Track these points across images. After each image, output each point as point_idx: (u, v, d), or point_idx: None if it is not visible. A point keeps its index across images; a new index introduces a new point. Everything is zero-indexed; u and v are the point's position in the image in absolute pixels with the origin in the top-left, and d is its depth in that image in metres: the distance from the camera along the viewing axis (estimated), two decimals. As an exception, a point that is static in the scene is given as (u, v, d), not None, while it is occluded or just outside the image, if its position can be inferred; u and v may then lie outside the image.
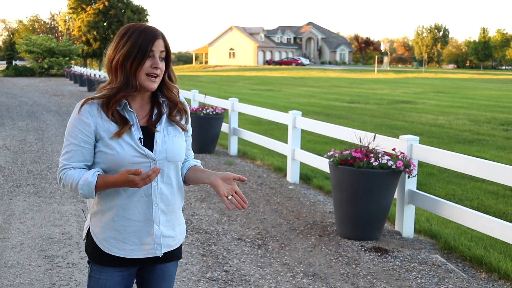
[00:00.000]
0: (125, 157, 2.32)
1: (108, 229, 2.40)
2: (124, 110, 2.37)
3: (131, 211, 2.38)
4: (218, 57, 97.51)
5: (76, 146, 2.35)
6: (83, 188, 2.30)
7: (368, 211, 5.65)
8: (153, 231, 2.42)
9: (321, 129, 7.77)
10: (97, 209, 2.43)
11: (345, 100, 25.50)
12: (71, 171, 2.35)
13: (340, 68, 77.42)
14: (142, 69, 2.33)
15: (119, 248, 2.40)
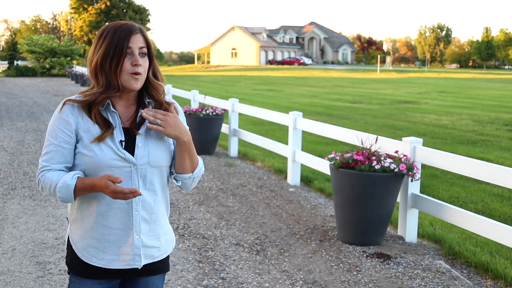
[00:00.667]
0: (104, 160, 2.19)
1: (87, 237, 2.27)
2: (106, 110, 2.25)
3: (110, 219, 2.25)
4: (220, 57, 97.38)
5: (56, 147, 2.23)
6: (61, 191, 2.17)
7: (370, 216, 5.48)
8: (133, 241, 2.27)
9: (322, 130, 7.61)
10: (76, 215, 2.30)
11: (347, 100, 25.33)
12: (50, 173, 2.23)
13: (342, 68, 77.22)
14: (123, 69, 2.20)
15: (98, 258, 2.27)
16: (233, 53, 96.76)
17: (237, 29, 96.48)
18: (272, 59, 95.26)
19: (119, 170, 2.20)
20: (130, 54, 2.20)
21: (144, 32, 2.28)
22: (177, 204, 7.04)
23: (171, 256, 5.17)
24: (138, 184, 2.24)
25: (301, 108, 21.11)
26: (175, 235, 5.71)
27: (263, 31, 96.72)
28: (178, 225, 6.15)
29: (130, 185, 2.22)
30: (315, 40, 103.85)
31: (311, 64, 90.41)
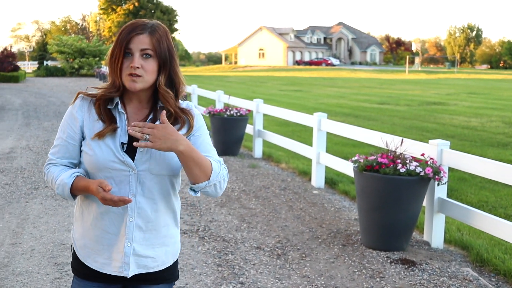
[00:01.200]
0: (103, 161, 2.13)
1: (86, 236, 2.23)
2: (115, 110, 2.19)
3: (106, 222, 2.19)
4: (248, 57, 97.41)
5: (63, 141, 2.22)
6: (58, 188, 2.17)
7: (395, 220, 5.32)
8: (123, 248, 2.18)
9: (347, 132, 7.46)
10: (78, 213, 2.27)
11: (375, 101, 25.05)
12: (54, 168, 2.23)
13: (370, 69, 76.63)
14: (123, 69, 2.13)
15: (93, 259, 2.22)
16: (261, 53, 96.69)
17: (264, 30, 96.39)
18: (300, 60, 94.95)
19: (118, 173, 2.14)
20: (131, 55, 2.12)
21: (155, 33, 2.14)
22: (198, 206, 6.96)
23: (189, 259, 5.09)
24: (136, 190, 2.15)
25: (327, 109, 20.94)
26: (195, 237, 5.66)
27: (291, 31, 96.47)
28: (199, 227, 6.07)
29: (128, 189, 2.14)
30: (343, 40, 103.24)
31: (338, 64, 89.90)
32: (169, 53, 2.17)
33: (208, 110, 10.92)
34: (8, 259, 5.06)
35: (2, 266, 4.91)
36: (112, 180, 2.13)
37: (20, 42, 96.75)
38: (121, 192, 2.14)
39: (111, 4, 68.51)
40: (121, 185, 2.14)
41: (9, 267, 4.89)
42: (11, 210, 6.65)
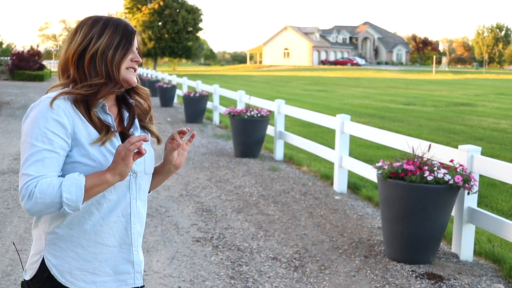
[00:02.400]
0: (105, 167, 1.91)
1: (74, 258, 1.95)
2: (102, 111, 1.99)
3: (105, 235, 1.96)
4: (273, 57, 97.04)
5: (51, 153, 1.84)
6: (70, 191, 1.79)
7: (421, 231, 4.97)
8: (132, 258, 2.03)
9: (371, 135, 7.11)
10: (59, 235, 1.94)
11: (400, 102, 24.55)
12: (46, 179, 1.81)
13: (396, 69, 75.72)
14: (124, 62, 1.99)
15: (87, 281, 1.97)
16: (286, 53, 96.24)
17: (289, 29, 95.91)
18: (325, 59, 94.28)
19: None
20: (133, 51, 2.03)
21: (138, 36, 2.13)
22: (214, 211, 6.67)
23: (201, 270, 4.82)
24: (136, 194, 2.04)
25: (352, 110, 20.54)
26: (209, 246, 5.38)
27: (316, 31, 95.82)
28: (213, 235, 5.78)
29: (129, 195, 2.01)
30: (369, 40, 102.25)
31: (364, 64, 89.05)
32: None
33: (228, 110, 10.64)
34: (12, 267, 4.83)
35: (4, 275, 4.68)
36: (112, 188, 1.95)
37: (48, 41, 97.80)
38: (120, 199, 1.98)
39: (136, 3, 68.63)
40: (120, 192, 1.98)
41: (12, 276, 4.66)
42: (21, 214, 6.44)
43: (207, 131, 14.24)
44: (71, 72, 1.96)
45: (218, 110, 15.93)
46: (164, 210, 6.69)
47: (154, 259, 5.06)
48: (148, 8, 67.84)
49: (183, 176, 8.60)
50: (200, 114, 16.01)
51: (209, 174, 8.80)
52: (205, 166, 9.49)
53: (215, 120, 16.21)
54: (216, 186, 8.02)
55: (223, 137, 12.99)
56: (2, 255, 5.12)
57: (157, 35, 67.44)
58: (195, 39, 69.72)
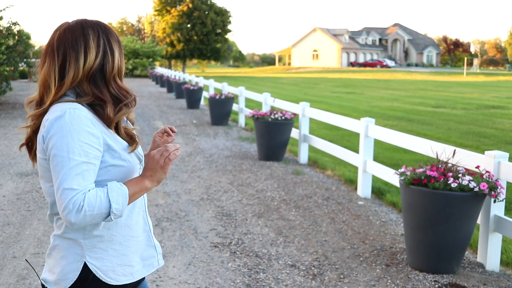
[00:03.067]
0: (135, 165, 2.06)
1: (114, 256, 2.02)
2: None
3: (133, 227, 2.09)
4: (302, 58, 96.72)
5: (88, 165, 1.87)
6: (118, 201, 1.87)
7: (445, 240, 4.80)
8: (153, 242, 2.19)
9: (395, 139, 6.93)
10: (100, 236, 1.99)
11: (430, 104, 24.17)
12: (91, 192, 1.85)
13: (427, 71, 74.78)
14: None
15: (125, 274, 2.06)
16: (314, 54, 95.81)
17: (318, 31, 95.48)
18: (354, 61, 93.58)
19: (137, 173, 2.08)
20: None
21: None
22: (234, 216, 6.58)
23: (217, 277, 4.72)
24: None
25: (380, 112, 20.29)
26: (226, 251, 5.28)
27: (345, 32, 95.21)
28: (232, 241, 5.68)
29: None
30: (399, 41, 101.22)
31: (394, 66, 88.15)
32: None
33: (252, 113, 10.54)
34: (27, 271, 4.80)
35: (20, 278, 4.65)
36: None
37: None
38: None
39: (166, 5, 69.08)
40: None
41: (27, 280, 4.62)
42: (41, 216, 6.43)
43: (232, 133, 14.17)
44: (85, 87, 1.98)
45: (244, 112, 15.85)
46: (184, 214, 6.62)
47: (170, 264, 4.98)
48: (177, 10, 68.23)
49: (205, 180, 8.53)
50: (226, 116, 15.95)
51: (232, 178, 8.71)
52: (228, 169, 9.41)
53: (240, 123, 16.13)
54: (238, 190, 7.93)
55: (248, 139, 12.90)
56: (19, 258, 5.10)
57: (185, 37, 67.77)
58: (223, 41, 69.88)
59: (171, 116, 17.89)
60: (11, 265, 4.93)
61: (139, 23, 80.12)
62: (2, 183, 8.07)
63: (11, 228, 6.00)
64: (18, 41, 20.51)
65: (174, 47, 67.92)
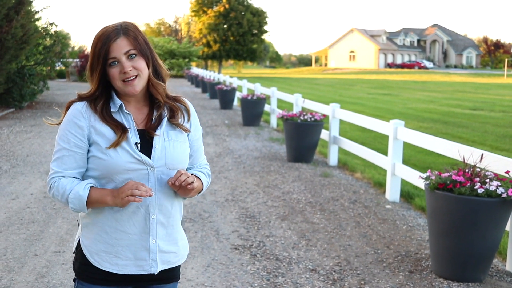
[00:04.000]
0: (121, 163, 2.12)
1: (100, 241, 2.19)
2: (120, 112, 2.19)
3: (125, 223, 2.17)
4: (338, 59, 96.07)
5: (68, 151, 2.15)
6: (73, 202, 2.12)
7: (471, 247, 4.63)
8: (149, 246, 2.20)
9: (424, 142, 6.76)
10: (89, 219, 2.21)
11: (467, 107, 23.69)
12: (63, 180, 2.16)
13: (466, 72, 73.48)
14: (114, 78, 2.15)
15: (111, 263, 2.19)
16: (351, 56, 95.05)
17: (356, 32, 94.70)
18: (392, 63, 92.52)
19: (136, 173, 2.14)
20: (117, 62, 2.14)
21: (129, 32, 2.16)
22: (258, 218, 6.50)
23: (235, 280, 4.65)
24: (155, 187, 2.18)
25: (415, 114, 19.98)
26: (246, 254, 5.21)
27: (383, 33, 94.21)
28: (253, 243, 5.60)
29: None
30: (438, 43, 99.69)
31: (432, 67, 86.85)
32: (147, 46, 2.21)
33: (282, 114, 10.45)
34: (47, 269, 4.81)
35: (39, 276, 4.67)
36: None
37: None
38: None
39: (202, 6, 69.41)
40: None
41: (45, 278, 4.63)
42: (65, 214, 6.47)
43: (263, 134, 14.10)
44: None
45: (275, 113, 15.76)
46: (207, 215, 6.57)
47: (189, 266, 4.93)
48: (214, 11, 68.52)
49: (232, 181, 8.48)
50: (257, 117, 15.89)
51: (258, 179, 8.64)
52: (256, 170, 9.34)
53: (272, 124, 16.06)
54: (264, 191, 7.85)
55: (278, 141, 12.81)
56: (40, 256, 5.12)
57: (222, 38, 67.99)
58: (260, 41, 69.83)
59: (203, 117, 17.92)
60: (32, 263, 4.95)
61: (176, 24, 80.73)
62: (31, 181, 8.17)
63: (35, 226, 6.05)
64: (54, 41, 20.82)
65: (211, 47, 68.18)
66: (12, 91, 18.39)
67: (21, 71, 18.84)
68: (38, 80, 20.60)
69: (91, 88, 2.19)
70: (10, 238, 5.62)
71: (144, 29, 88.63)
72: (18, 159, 9.90)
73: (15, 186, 7.82)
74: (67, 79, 39.49)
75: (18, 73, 18.69)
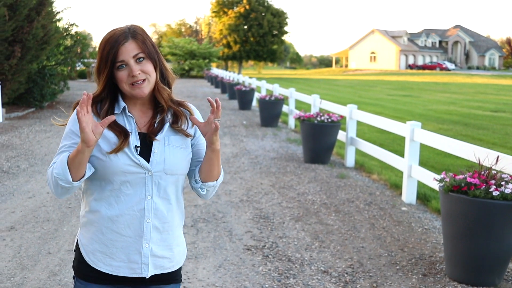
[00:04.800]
0: (118, 165, 2.13)
1: (96, 241, 2.21)
2: (123, 114, 2.21)
3: (120, 225, 2.18)
4: (359, 60, 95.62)
5: (68, 147, 2.17)
6: (57, 166, 2.09)
7: (485, 251, 4.57)
8: (142, 249, 2.20)
9: (440, 143, 6.68)
10: (87, 219, 2.23)
11: (488, 109, 23.40)
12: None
13: (488, 74, 72.68)
14: (121, 81, 2.16)
15: (105, 263, 2.21)
16: (372, 57, 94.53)
17: (376, 33, 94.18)
18: (413, 64, 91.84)
19: (133, 176, 2.15)
20: (126, 65, 2.14)
21: (137, 36, 2.17)
22: (272, 219, 6.48)
23: (246, 281, 4.63)
24: (152, 191, 2.18)
25: (435, 116, 19.79)
26: (259, 255, 5.19)
27: (404, 34, 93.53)
28: (265, 244, 5.59)
29: (144, 191, 2.17)
30: (460, 44, 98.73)
31: (454, 69, 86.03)
32: (155, 50, 2.21)
33: (299, 115, 10.42)
34: (59, 267, 4.84)
35: (51, 274, 4.70)
36: (128, 184, 2.16)
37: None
38: (136, 194, 2.16)
39: (223, 7, 69.60)
40: (137, 187, 2.16)
41: (58, 276, 4.66)
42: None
43: (281, 135, 14.07)
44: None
45: (294, 114, 15.70)
46: (221, 215, 6.56)
47: (200, 266, 4.93)
48: (234, 11, 68.66)
49: (247, 181, 8.46)
50: (275, 117, 15.87)
51: (274, 180, 8.61)
52: (272, 171, 9.32)
53: (290, 124, 16.02)
54: (279, 192, 7.82)
55: (296, 142, 12.77)
56: (54, 255, 5.15)
57: (242, 39, 68.09)
58: (280, 42, 69.81)
59: (221, 117, 17.91)
60: (45, 261, 4.99)
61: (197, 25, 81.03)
62: (48, 180, 8.23)
63: (50, 224, 6.09)
64: (75, 42, 21.00)
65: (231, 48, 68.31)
66: (33, 91, 18.59)
67: (42, 71, 19.03)
68: (59, 80, 20.81)
69: (98, 89, 2.21)
70: (25, 236, 5.67)
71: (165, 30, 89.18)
72: (36, 158, 9.99)
73: (32, 185, 7.89)
74: (88, 79, 39.83)
75: (39, 73, 18.88)
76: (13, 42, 15.97)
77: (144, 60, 2.15)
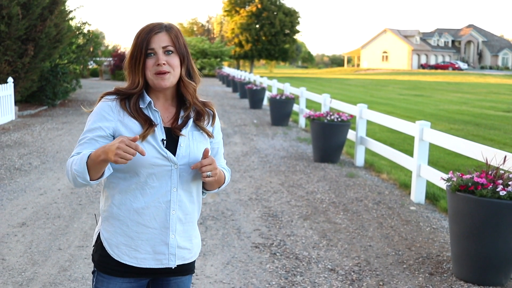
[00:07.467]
0: (146, 157, 2.17)
1: (121, 234, 2.25)
2: (148, 108, 2.25)
3: (146, 217, 2.23)
4: (371, 60, 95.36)
5: (90, 139, 2.21)
6: (76, 162, 2.12)
7: (492, 251, 4.58)
8: (168, 240, 2.26)
9: (449, 143, 6.69)
10: (110, 212, 2.26)
11: (501, 109, 23.29)
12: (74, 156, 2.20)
13: (501, 74, 72.22)
14: (147, 68, 2.22)
15: (130, 256, 2.25)
16: (384, 56, 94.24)
17: (389, 32, 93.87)
18: (425, 63, 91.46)
19: (160, 169, 2.20)
20: (154, 54, 2.21)
21: (172, 30, 2.25)
22: (280, 217, 6.52)
23: (253, 278, 4.68)
24: (177, 184, 2.24)
25: (447, 116, 19.73)
26: (266, 252, 5.23)
27: (417, 34, 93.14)
28: (273, 242, 5.62)
29: (169, 183, 2.22)
30: (473, 43, 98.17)
31: (466, 69, 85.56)
32: (186, 48, 2.29)
33: (308, 114, 10.45)
34: (70, 263, 4.91)
35: (62, 270, 4.76)
36: (154, 176, 2.20)
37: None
38: (162, 187, 2.21)
39: (235, 6, 69.68)
40: (162, 180, 2.21)
41: (68, 271, 4.73)
42: (90, 210, 6.57)
43: (291, 134, 14.10)
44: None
45: (304, 113, 15.72)
46: (230, 213, 6.61)
47: (208, 263, 4.98)
48: (246, 10, 68.70)
49: (257, 180, 8.51)
50: (286, 116, 15.89)
51: (283, 178, 8.65)
52: (281, 170, 9.35)
53: (300, 124, 16.04)
54: (288, 191, 7.86)
55: (306, 141, 12.80)
56: (64, 250, 5.22)
57: (254, 38, 68.10)
58: (292, 41, 69.77)
59: (232, 116, 18.00)
60: (55, 257, 5.05)
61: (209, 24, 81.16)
62: (59, 177, 8.32)
63: (61, 220, 6.17)
64: (87, 40, 21.13)
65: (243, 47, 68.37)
66: (46, 89, 18.74)
67: (55, 70, 19.17)
68: (71, 79, 20.94)
69: (132, 80, 2.25)
70: (36, 232, 5.75)
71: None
72: (48, 155, 10.09)
73: (43, 182, 7.98)
74: (100, 78, 40.02)
75: (51, 71, 19.03)
76: (26, 40, 16.10)
77: (173, 54, 2.22)
